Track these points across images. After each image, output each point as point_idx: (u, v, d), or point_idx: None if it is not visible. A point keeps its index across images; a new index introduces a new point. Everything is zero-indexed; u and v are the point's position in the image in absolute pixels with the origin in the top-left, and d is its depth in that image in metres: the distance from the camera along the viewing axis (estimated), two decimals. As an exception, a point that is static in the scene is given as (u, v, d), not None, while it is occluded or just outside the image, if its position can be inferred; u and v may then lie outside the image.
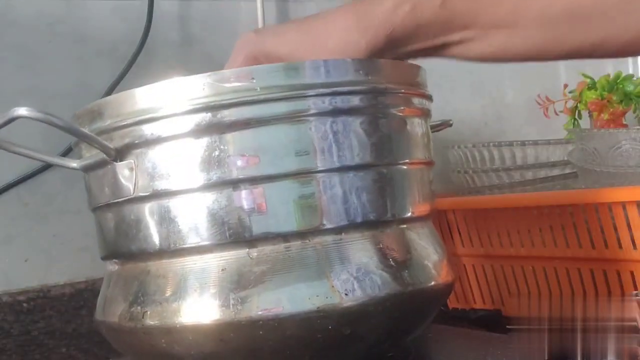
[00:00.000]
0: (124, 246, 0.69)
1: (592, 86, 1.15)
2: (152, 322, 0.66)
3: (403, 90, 0.70)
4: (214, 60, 1.06)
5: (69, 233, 0.96)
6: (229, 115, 0.63)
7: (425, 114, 0.75)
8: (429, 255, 0.71)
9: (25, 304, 0.92)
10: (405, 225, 0.70)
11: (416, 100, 0.72)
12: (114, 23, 1.01)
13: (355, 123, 0.66)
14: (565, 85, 1.22)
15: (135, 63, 1.00)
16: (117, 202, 0.68)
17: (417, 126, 0.73)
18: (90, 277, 0.95)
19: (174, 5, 1.05)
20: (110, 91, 0.97)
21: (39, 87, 0.96)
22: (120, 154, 0.67)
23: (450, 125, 0.89)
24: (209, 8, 1.07)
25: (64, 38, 0.98)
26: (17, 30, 0.95)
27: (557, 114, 1.21)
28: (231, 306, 0.63)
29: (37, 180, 0.95)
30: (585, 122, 1.19)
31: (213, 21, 1.07)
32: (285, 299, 0.63)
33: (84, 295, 0.95)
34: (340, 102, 0.65)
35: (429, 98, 0.75)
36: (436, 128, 0.85)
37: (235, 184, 0.64)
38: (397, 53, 0.72)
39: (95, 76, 0.99)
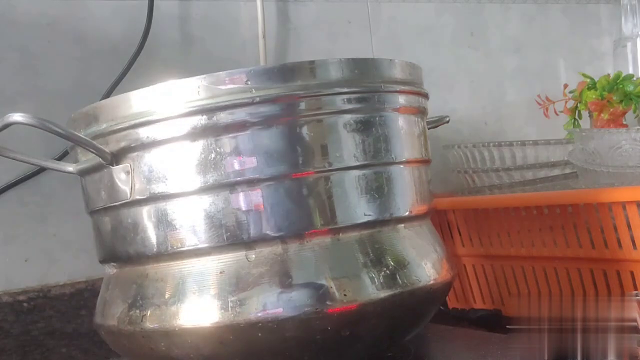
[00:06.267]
0: (121, 250, 0.70)
1: (592, 86, 1.15)
2: (151, 325, 0.66)
3: (399, 89, 0.70)
4: (214, 60, 1.06)
5: (69, 233, 0.96)
6: (224, 117, 0.63)
7: (421, 112, 0.75)
8: (428, 254, 0.71)
9: (25, 304, 0.92)
10: (403, 225, 0.70)
11: (412, 99, 0.72)
12: (114, 23, 1.01)
13: (351, 123, 0.66)
14: (565, 85, 1.22)
15: (135, 63, 0.99)
16: (114, 205, 0.69)
17: (413, 124, 0.73)
18: (90, 277, 0.95)
19: (174, 5, 1.05)
20: (110, 91, 0.97)
21: (39, 87, 0.96)
22: (117, 157, 0.67)
23: (447, 121, 0.89)
24: (209, 8, 1.07)
25: (64, 38, 0.98)
26: (17, 30, 0.95)
27: (557, 114, 1.21)
28: (230, 308, 0.63)
29: (37, 180, 0.95)
30: (585, 122, 1.18)
31: (213, 21, 1.07)
32: (284, 300, 0.63)
33: (84, 295, 0.95)
34: (336, 102, 0.66)
35: (425, 96, 0.75)
36: (433, 124, 0.85)
37: (232, 186, 0.64)
38: None
39: (95, 76, 0.98)
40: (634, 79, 1.12)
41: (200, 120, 0.63)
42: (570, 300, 0.81)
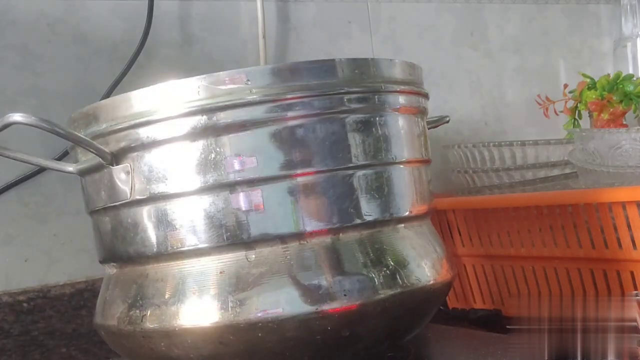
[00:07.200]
0: (121, 250, 0.69)
1: (592, 86, 1.15)
2: (151, 326, 0.66)
3: (399, 89, 0.70)
4: (214, 60, 1.06)
5: (69, 233, 0.96)
6: (224, 117, 0.63)
7: (422, 112, 0.75)
8: (428, 254, 0.71)
9: (25, 304, 0.92)
10: (403, 225, 0.70)
11: (412, 99, 0.72)
12: (114, 23, 1.01)
13: (352, 123, 0.66)
14: (565, 85, 1.22)
15: (135, 63, 0.99)
16: (114, 205, 0.69)
17: (413, 125, 0.73)
18: (90, 277, 0.95)
19: (174, 5, 1.05)
20: (110, 91, 0.97)
21: (39, 87, 0.96)
22: (117, 157, 0.67)
23: (447, 121, 0.89)
24: (209, 8, 1.07)
25: (64, 38, 0.98)
26: (17, 30, 0.95)
27: (557, 114, 1.21)
28: (230, 308, 0.63)
29: (37, 180, 0.95)
30: (585, 122, 1.18)
31: (213, 21, 1.07)
32: (284, 300, 0.63)
33: (84, 295, 0.95)
34: (336, 102, 0.65)
35: (426, 96, 0.75)
36: (433, 124, 0.85)
37: (232, 186, 0.64)
38: None
39: (95, 76, 0.98)
40: (634, 79, 1.12)
41: (200, 120, 0.63)
42: (570, 300, 0.81)
